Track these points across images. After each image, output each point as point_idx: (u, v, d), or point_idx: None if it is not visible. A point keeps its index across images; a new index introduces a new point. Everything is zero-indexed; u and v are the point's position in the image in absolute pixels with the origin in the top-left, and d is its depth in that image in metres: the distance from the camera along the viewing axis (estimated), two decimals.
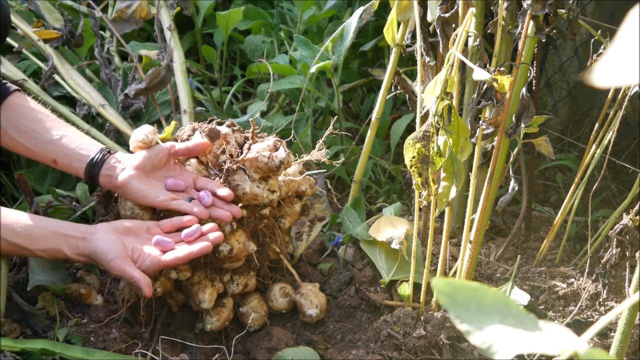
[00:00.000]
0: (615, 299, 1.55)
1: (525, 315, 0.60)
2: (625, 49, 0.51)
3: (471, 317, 0.58)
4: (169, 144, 1.48)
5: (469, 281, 0.63)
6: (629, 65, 0.51)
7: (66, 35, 2.12)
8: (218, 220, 1.45)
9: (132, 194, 1.44)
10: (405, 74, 1.78)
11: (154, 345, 1.53)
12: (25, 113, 1.46)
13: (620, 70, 0.51)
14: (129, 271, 1.34)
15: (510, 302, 0.61)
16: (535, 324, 0.60)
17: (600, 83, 0.51)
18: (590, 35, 1.93)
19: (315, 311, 1.58)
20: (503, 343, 0.57)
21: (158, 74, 1.95)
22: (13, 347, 1.39)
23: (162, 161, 1.46)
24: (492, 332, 0.58)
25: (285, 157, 1.45)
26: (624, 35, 0.52)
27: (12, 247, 1.35)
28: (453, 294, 0.59)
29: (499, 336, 0.57)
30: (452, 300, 0.59)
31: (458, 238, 1.78)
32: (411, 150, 1.28)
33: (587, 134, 2.10)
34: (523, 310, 0.61)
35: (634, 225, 1.46)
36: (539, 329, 0.59)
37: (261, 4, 2.49)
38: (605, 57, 0.52)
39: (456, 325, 0.58)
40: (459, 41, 1.26)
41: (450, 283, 0.60)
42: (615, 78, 0.51)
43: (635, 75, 0.50)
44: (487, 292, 0.60)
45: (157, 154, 1.46)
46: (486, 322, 0.58)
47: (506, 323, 0.59)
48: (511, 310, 0.60)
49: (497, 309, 0.60)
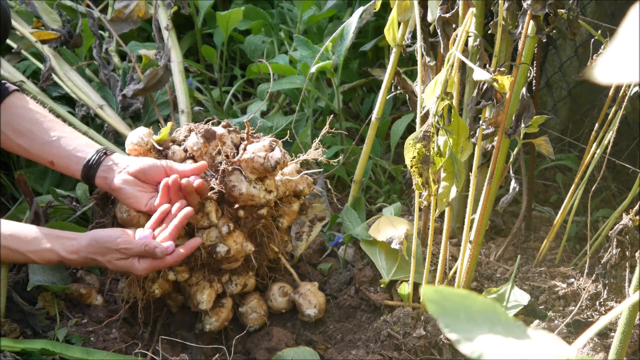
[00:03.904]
0: (615, 299, 1.55)
1: (514, 323, 0.60)
2: (626, 47, 0.51)
3: (460, 326, 0.58)
4: (166, 164, 1.46)
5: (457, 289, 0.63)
6: (630, 63, 0.50)
7: (65, 35, 2.12)
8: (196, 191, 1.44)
9: (126, 198, 1.44)
10: (405, 74, 1.78)
11: (154, 346, 1.53)
12: (24, 114, 1.46)
13: (620, 68, 0.50)
14: (139, 240, 1.36)
15: (499, 310, 0.61)
16: (524, 332, 0.60)
17: (601, 80, 0.51)
18: (590, 35, 1.93)
19: (314, 311, 1.58)
20: (492, 352, 0.57)
21: (156, 74, 1.95)
22: (13, 347, 1.39)
23: (155, 178, 1.46)
24: (481, 341, 0.57)
25: (280, 157, 1.44)
26: (624, 33, 0.52)
27: (5, 250, 1.34)
28: (442, 302, 0.59)
29: (488, 345, 0.57)
30: (441, 309, 0.58)
31: (458, 238, 1.78)
32: (412, 151, 1.28)
33: (587, 134, 2.10)
34: (511, 318, 0.61)
35: (634, 225, 1.46)
36: (527, 337, 0.59)
37: (261, 4, 2.49)
38: (605, 55, 0.51)
39: (445, 334, 0.58)
40: (459, 41, 1.26)
41: (439, 291, 0.59)
42: (615, 75, 0.50)
43: (635, 72, 0.50)
44: (476, 300, 0.60)
45: (153, 168, 1.45)
46: (475, 331, 0.58)
47: (495, 331, 0.59)
48: (500, 318, 0.60)
49: (485, 317, 0.59)
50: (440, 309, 0.58)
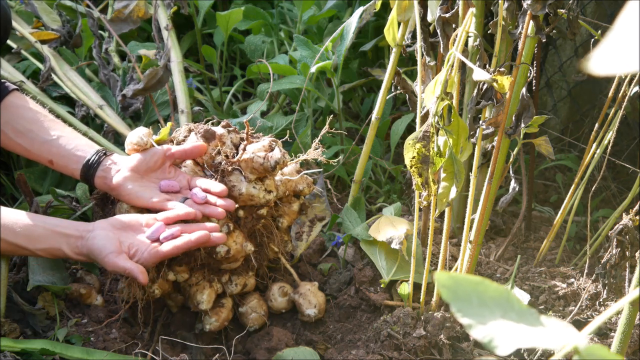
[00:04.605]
0: (615, 299, 1.55)
1: (527, 310, 0.60)
2: (624, 37, 0.51)
3: (473, 311, 0.58)
4: (165, 147, 1.48)
5: (470, 275, 0.63)
6: (628, 53, 0.50)
7: (64, 35, 2.12)
8: (212, 217, 1.45)
9: (126, 195, 1.44)
10: (405, 74, 1.78)
11: (154, 346, 1.53)
12: (23, 113, 1.46)
13: (619, 58, 0.50)
14: (121, 264, 1.33)
15: (512, 297, 0.61)
16: (537, 318, 0.60)
17: (599, 71, 0.50)
18: (590, 35, 1.93)
19: (314, 311, 1.58)
20: (504, 337, 0.57)
21: (155, 74, 1.95)
22: (13, 347, 1.39)
23: (157, 163, 1.46)
24: (494, 326, 0.57)
25: (280, 157, 1.45)
26: (622, 23, 0.51)
27: (12, 247, 1.35)
28: (455, 288, 0.59)
29: (501, 330, 0.57)
30: (454, 294, 0.59)
31: (458, 238, 1.78)
32: (411, 151, 1.28)
33: (587, 134, 2.10)
34: (524, 305, 0.61)
35: (634, 225, 1.46)
36: (540, 323, 0.59)
37: (261, 4, 2.49)
38: (603, 45, 0.51)
39: (458, 318, 0.58)
40: (459, 41, 1.26)
41: (453, 277, 0.60)
42: (614, 66, 0.50)
43: (635, 62, 0.50)
44: (489, 286, 0.60)
45: (153, 156, 1.46)
46: (488, 316, 0.58)
47: (508, 317, 0.59)
48: (513, 304, 0.60)
49: (498, 304, 0.60)
50: (453, 294, 0.59)
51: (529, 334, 0.58)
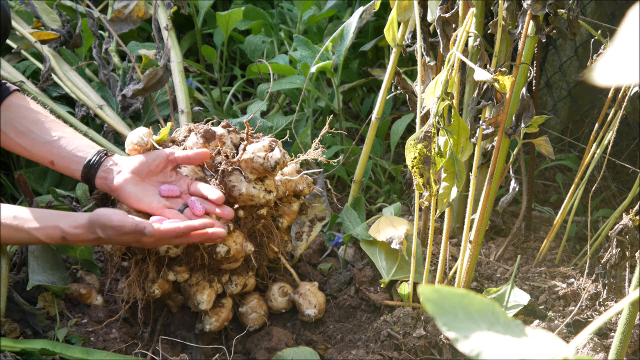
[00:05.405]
0: (615, 299, 1.55)
1: (513, 322, 0.60)
2: (626, 48, 0.51)
3: (459, 325, 0.58)
4: (168, 151, 1.46)
5: (455, 288, 0.63)
6: (629, 64, 0.50)
7: (64, 35, 2.12)
8: None
9: (126, 197, 1.43)
10: (405, 74, 1.78)
11: (154, 346, 1.53)
12: (24, 114, 1.46)
13: (620, 70, 0.50)
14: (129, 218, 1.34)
15: (497, 309, 0.61)
16: (522, 330, 0.60)
17: (601, 82, 0.51)
18: (590, 35, 1.93)
19: (314, 311, 1.58)
20: (491, 350, 0.57)
21: (155, 74, 1.95)
22: (13, 347, 1.39)
23: (159, 167, 1.46)
24: (480, 339, 0.57)
25: (280, 157, 1.44)
26: (623, 35, 0.52)
27: (9, 230, 1.32)
28: (440, 302, 0.59)
29: (487, 343, 0.57)
30: (440, 308, 0.58)
31: (458, 238, 1.78)
32: (413, 151, 1.28)
33: (587, 134, 2.10)
34: (510, 317, 0.61)
35: (634, 225, 1.46)
36: (526, 335, 0.59)
37: (261, 4, 2.49)
38: (605, 56, 0.51)
39: (444, 332, 0.58)
40: (460, 41, 1.26)
41: (437, 290, 0.59)
42: (615, 77, 0.50)
43: (635, 74, 0.50)
44: (474, 299, 0.60)
45: (155, 159, 1.45)
46: (473, 329, 0.58)
47: (494, 330, 0.59)
48: (498, 317, 0.60)
49: (484, 316, 0.59)
50: (439, 308, 0.58)
51: (516, 346, 0.58)
